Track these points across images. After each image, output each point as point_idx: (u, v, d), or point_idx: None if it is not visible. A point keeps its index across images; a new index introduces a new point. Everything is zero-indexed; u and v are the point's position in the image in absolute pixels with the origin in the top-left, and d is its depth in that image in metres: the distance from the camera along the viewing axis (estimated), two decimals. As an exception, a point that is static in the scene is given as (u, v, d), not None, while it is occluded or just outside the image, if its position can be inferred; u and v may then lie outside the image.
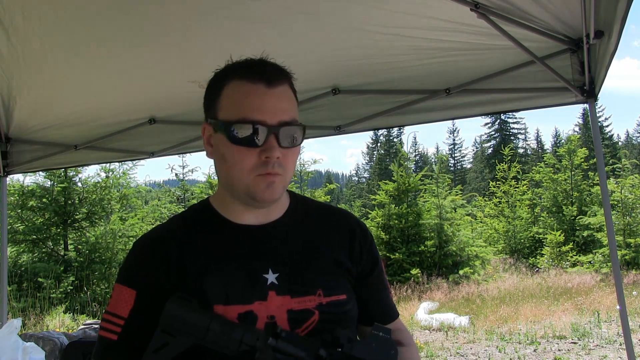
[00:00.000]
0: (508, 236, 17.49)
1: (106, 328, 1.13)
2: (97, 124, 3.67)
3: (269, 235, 1.19)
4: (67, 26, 2.47)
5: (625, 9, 1.89)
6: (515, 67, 2.95)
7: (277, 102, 1.10)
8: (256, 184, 1.11)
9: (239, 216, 1.19)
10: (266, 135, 1.08)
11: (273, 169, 1.09)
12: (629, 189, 14.60)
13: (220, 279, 1.12)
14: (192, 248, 1.16)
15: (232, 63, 1.18)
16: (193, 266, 1.13)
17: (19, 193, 10.88)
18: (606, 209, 3.04)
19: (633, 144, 58.00)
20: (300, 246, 1.21)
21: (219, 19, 2.47)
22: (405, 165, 15.27)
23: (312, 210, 1.29)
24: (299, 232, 1.23)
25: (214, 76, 1.19)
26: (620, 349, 6.77)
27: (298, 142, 1.14)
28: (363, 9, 2.42)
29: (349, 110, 3.50)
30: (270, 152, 1.08)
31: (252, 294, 1.12)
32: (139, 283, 1.14)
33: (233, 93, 1.12)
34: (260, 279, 1.14)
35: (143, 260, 1.17)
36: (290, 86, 1.16)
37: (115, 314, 1.13)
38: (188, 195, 15.29)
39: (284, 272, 1.15)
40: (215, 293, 1.10)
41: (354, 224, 1.30)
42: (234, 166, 1.11)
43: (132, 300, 1.13)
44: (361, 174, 71.84)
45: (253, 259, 1.16)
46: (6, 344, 3.08)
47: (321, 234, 1.25)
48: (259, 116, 1.08)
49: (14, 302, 9.50)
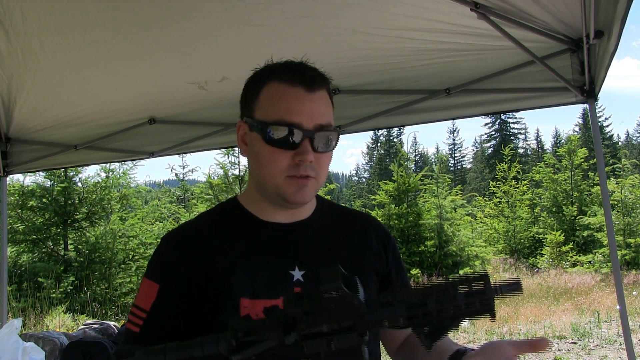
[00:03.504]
0: (508, 236, 17.49)
1: (131, 321, 1.15)
2: (97, 124, 3.67)
3: (296, 233, 1.21)
4: (67, 26, 2.47)
5: (625, 9, 1.89)
6: (515, 67, 2.95)
7: (314, 107, 1.11)
8: (287, 185, 1.12)
9: (267, 214, 1.21)
10: (301, 139, 1.09)
11: (305, 171, 1.11)
12: (629, 189, 14.61)
13: (248, 274, 1.13)
14: (220, 243, 1.18)
15: (272, 64, 1.19)
16: (221, 261, 1.15)
17: (19, 193, 10.88)
18: (606, 209, 3.04)
19: (633, 144, 58.02)
20: (326, 246, 1.23)
21: (220, 22, 2.47)
22: (405, 165, 15.27)
23: (337, 213, 1.32)
24: (325, 232, 1.25)
25: (253, 75, 1.20)
26: (620, 349, 6.77)
27: (332, 146, 1.15)
28: (363, 11, 2.43)
29: (349, 110, 3.51)
30: (304, 155, 1.09)
31: (278, 289, 1.13)
32: (163, 277, 1.16)
33: (271, 94, 1.13)
34: (287, 276, 1.15)
35: (168, 255, 1.18)
36: (327, 91, 1.17)
37: (140, 307, 1.15)
38: (188, 195, 15.30)
39: (310, 270, 1.17)
40: (243, 287, 1.12)
41: (378, 227, 1.34)
42: (267, 166, 1.13)
43: (154, 294, 1.14)
44: (361, 174, 71.96)
45: (280, 256, 1.17)
46: (6, 344, 3.08)
47: (346, 236, 1.27)
48: (296, 119, 1.09)
49: (14, 302, 9.50)
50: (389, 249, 1.31)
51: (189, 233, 1.21)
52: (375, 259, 1.27)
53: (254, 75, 1.20)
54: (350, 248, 1.25)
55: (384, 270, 1.28)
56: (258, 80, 1.17)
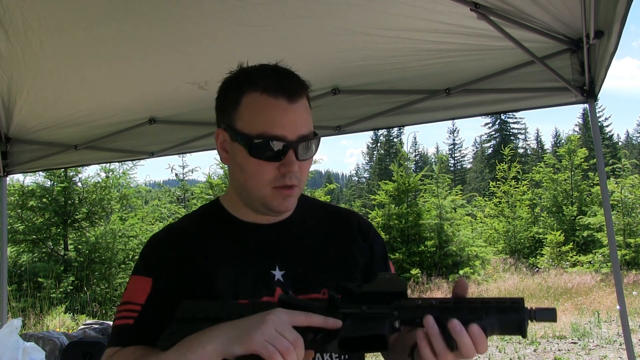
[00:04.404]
0: (508, 236, 17.48)
1: (122, 317, 1.15)
2: (97, 124, 3.67)
3: (277, 233, 1.23)
4: (67, 26, 2.47)
5: (625, 9, 1.89)
6: (515, 67, 2.95)
7: (297, 118, 1.12)
8: (273, 196, 1.14)
9: (249, 216, 1.23)
10: (286, 150, 1.11)
11: (291, 181, 1.13)
12: (629, 189, 14.61)
13: (231, 275, 1.16)
14: (204, 244, 1.19)
15: (249, 70, 1.18)
16: (204, 262, 1.17)
17: (19, 193, 10.88)
18: (606, 209, 3.04)
19: (633, 144, 58.01)
20: (307, 245, 1.24)
21: (220, 22, 2.47)
22: (405, 165, 15.26)
23: (318, 210, 1.33)
24: (306, 231, 1.26)
25: (230, 81, 1.19)
26: (620, 349, 6.77)
27: (313, 152, 1.17)
28: (363, 12, 2.43)
29: (349, 110, 3.51)
30: (290, 166, 1.11)
31: (260, 290, 1.15)
32: (155, 271, 1.17)
33: (253, 106, 1.12)
34: (269, 276, 1.17)
35: (158, 251, 1.21)
36: (307, 97, 1.18)
37: (132, 302, 1.15)
38: (188, 195, 15.30)
39: (290, 269, 1.19)
40: (226, 288, 1.14)
41: (359, 220, 1.35)
42: (252, 178, 1.14)
43: (148, 287, 1.15)
44: (361, 174, 71.90)
45: (262, 256, 1.19)
46: (6, 344, 3.08)
47: (327, 232, 1.29)
48: (280, 131, 1.10)
49: (14, 302, 9.50)
50: (369, 239, 1.32)
51: (174, 234, 1.23)
52: (356, 252, 1.28)
53: (230, 81, 1.19)
54: (330, 245, 1.26)
55: (365, 260, 1.29)
56: (236, 88, 1.16)
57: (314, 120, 1.19)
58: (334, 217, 1.33)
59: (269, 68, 1.16)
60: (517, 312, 0.92)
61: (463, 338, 0.92)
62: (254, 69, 1.17)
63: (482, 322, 0.93)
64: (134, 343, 1.11)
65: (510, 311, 0.92)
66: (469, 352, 0.93)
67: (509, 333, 0.95)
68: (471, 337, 0.93)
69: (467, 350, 0.93)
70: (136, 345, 1.10)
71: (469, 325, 0.93)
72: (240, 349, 0.93)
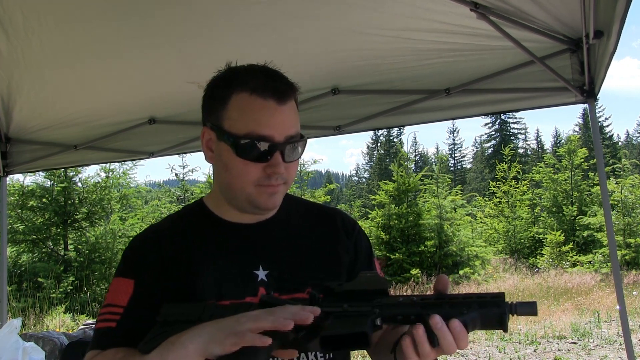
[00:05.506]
0: (508, 236, 17.49)
1: (104, 319, 1.14)
2: (97, 124, 3.67)
3: (260, 233, 1.22)
4: (67, 26, 2.47)
5: (624, 9, 1.89)
6: (515, 67, 2.95)
7: (285, 119, 1.12)
8: (258, 194, 1.14)
9: (232, 216, 1.22)
10: (273, 151, 1.10)
11: (276, 181, 1.13)
12: (629, 189, 14.61)
13: (213, 276, 1.15)
14: (186, 244, 1.19)
15: (237, 70, 1.17)
16: (186, 262, 1.16)
17: (19, 193, 10.88)
18: (606, 209, 3.04)
19: (633, 144, 58.01)
20: (291, 244, 1.24)
21: (219, 22, 2.47)
22: (405, 165, 15.26)
23: (302, 209, 1.33)
24: (290, 230, 1.26)
25: (218, 81, 1.18)
26: (620, 349, 6.77)
27: (300, 154, 1.16)
28: (362, 12, 2.43)
29: (349, 110, 3.50)
30: (276, 168, 1.11)
31: (243, 290, 1.15)
32: (137, 273, 1.17)
33: (242, 106, 1.11)
34: (252, 276, 1.17)
35: (139, 254, 1.20)
36: (295, 99, 1.17)
37: (114, 304, 1.14)
38: (188, 195, 15.29)
39: (273, 269, 1.19)
40: (209, 289, 1.13)
41: (344, 218, 1.34)
42: (238, 177, 1.13)
43: (130, 289, 1.15)
44: (361, 174, 71.92)
45: (245, 256, 1.19)
46: (6, 344, 3.08)
47: (312, 231, 1.28)
48: (267, 132, 1.09)
49: (14, 302, 9.50)
50: (353, 237, 1.31)
51: (156, 236, 1.22)
52: (340, 252, 1.28)
53: (218, 80, 1.18)
54: (314, 245, 1.26)
55: (350, 258, 1.29)
56: (224, 88, 1.15)
57: (314, 120, 1.19)
58: (318, 215, 1.32)
59: (258, 68, 1.16)
60: (498, 307, 0.92)
61: (444, 334, 0.92)
62: (243, 69, 1.16)
63: (464, 317, 0.93)
64: (116, 345, 1.10)
65: (491, 305, 0.93)
66: (450, 347, 0.93)
67: (490, 327, 0.95)
68: (452, 332, 0.92)
69: (448, 345, 0.93)
70: (118, 347, 1.10)
71: (450, 320, 0.92)
72: (219, 349, 0.93)
